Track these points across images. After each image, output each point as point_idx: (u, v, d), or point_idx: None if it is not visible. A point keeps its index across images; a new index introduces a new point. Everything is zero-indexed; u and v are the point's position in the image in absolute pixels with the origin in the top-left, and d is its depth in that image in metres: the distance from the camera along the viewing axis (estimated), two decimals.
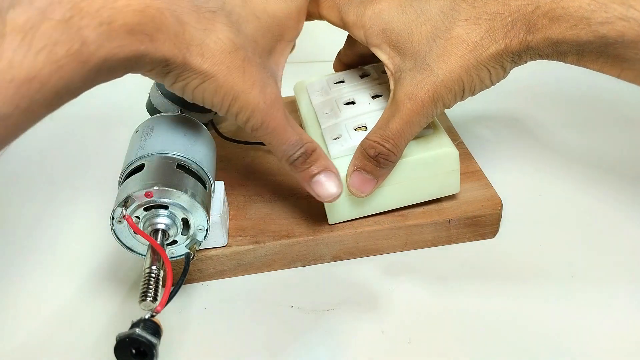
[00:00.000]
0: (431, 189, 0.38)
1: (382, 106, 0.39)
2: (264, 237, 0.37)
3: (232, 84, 0.29)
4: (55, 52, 0.22)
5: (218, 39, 0.28)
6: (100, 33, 0.23)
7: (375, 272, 0.38)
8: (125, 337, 0.25)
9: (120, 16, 0.24)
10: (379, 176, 0.35)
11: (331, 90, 0.43)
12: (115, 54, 0.24)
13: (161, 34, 0.25)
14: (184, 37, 0.27)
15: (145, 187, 0.30)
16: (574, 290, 0.36)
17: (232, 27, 0.29)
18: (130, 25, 0.24)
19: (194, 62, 0.27)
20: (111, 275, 0.38)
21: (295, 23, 0.34)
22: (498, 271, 0.38)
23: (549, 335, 0.33)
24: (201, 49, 0.27)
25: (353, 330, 0.34)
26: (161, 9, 0.25)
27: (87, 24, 0.22)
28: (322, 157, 0.34)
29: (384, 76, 0.42)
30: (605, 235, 0.40)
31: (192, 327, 0.34)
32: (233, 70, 0.29)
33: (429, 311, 0.35)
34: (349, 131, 0.38)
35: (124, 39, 0.24)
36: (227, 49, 0.28)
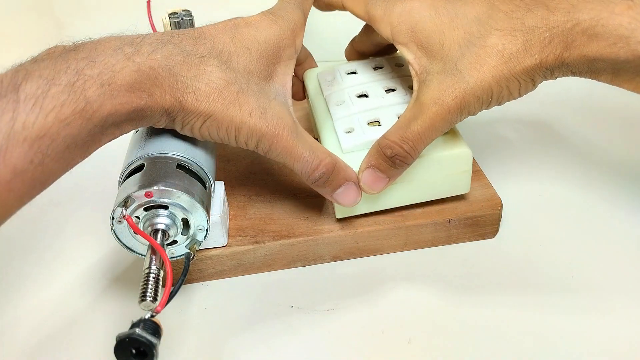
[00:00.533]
0: (442, 188, 0.38)
1: (395, 101, 0.39)
2: (264, 237, 0.37)
3: (230, 117, 0.31)
4: (62, 112, 0.24)
5: (209, 80, 0.30)
6: (102, 93, 0.26)
7: (375, 272, 0.38)
8: (125, 337, 0.25)
9: (119, 77, 0.27)
10: (392, 176, 0.35)
11: (343, 81, 0.42)
12: (118, 110, 0.27)
13: (157, 88, 0.28)
14: (178, 87, 0.29)
15: (145, 187, 0.30)
16: (573, 291, 0.36)
17: (221, 66, 0.31)
18: (129, 84, 0.27)
19: (190, 106, 0.30)
20: (111, 275, 0.38)
21: (291, 41, 0.35)
22: (498, 271, 0.38)
23: (548, 335, 0.33)
24: (194, 94, 0.30)
25: (353, 330, 0.34)
26: (154, 67, 0.28)
27: (90, 85, 0.26)
28: (342, 170, 0.34)
29: (397, 70, 0.42)
30: (605, 236, 0.40)
31: (192, 327, 0.34)
32: (228, 105, 0.31)
33: (429, 311, 0.35)
34: (362, 125, 0.38)
35: (124, 97, 0.27)
36: (219, 87, 0.30)
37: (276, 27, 0.34)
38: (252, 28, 0.34)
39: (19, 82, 0.24)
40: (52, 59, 0.26)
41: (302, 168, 0.33)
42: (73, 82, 0.25)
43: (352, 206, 0.36)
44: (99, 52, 0.27)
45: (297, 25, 0.36)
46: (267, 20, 0.35)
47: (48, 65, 0.25)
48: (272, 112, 0.32)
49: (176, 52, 0.30)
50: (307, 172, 0.33)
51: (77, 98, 0.25)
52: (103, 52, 0.27)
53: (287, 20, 0.35)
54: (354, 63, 0.44)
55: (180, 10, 0.47)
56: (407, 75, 0.42)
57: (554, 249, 0.39)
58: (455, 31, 0.33)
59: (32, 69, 0.25)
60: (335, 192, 0.35)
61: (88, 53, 0.27)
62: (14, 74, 0.25)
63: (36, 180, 0.25)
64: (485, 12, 0.32)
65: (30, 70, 0.25)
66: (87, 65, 0.26)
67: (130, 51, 0.28)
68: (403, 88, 0.40)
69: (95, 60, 0.26)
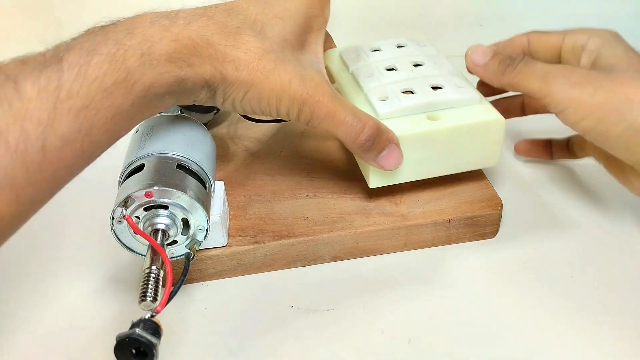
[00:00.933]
0: (472, 158, 0.38)
1: (426, 73, 0.39)
2: (264, 237, 0.37)
3: (271, 85, 0.31)
4: (105, 81, 0.25)
5: (247, 49, 0.30)
6: (142, 63, 0.26)
7: (375, 272, 0.38)
8: (125, 337, 0.25)
9: (158, 46, 0.27)
10: None
11: (368, 57, 0.42)
12: (158, 80, 0.27)
13: (196, 58, 0.28)
14: (217, 57, 0.29)
15: (145, 187, 0.30)
16: (573, 291, 0.36)
17: (257, 35, 0.31)
18: (168, 54, 0.27)
19: (231, 75, 0.30)
20: (111, 275, 0.38)
21: (320, 11, 0.35)
22: (498, 271, 0.38)
23: (548, 335, 0.33)
24: (235, 63, 0.30)
25: (353, 330, 0.34)
26: (191, 36, 0.28)
27: (130, 55, 0.26)
28: (385, 131, 0.34)
29: (421, 48, 0.43)
30: (605, 236, 0.40)
31: (192, 327, 0.34)
32: (268, 74, 0.30)
33: (429, 311, 0.35)
34: (396, 94, 0.38)
35: (164, 66, 0.27)
36: (257, 56, 0.30)
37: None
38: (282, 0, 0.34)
39: (61, 54, 0.24)
40: (92, 34, 0.26)
41: (346, 132, 0.33)
42: (113, 52, 0.25)
43: (394, 169, 0.35)
44: (137, 24, 0.27)
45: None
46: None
47: (88, 39, 0.26)
48: (310, 78, 0.32)
49: (211, 24, 0.30)
50: (352, 136, 0.33)
51: (118, 68, 0.25)
52: (141, 25, 0.27)
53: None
54: (377, 41, 0.44)
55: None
56: (432, 54, 0.43)
57: (554, 249, 0.39)
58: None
59: (73, 43, 0.25)
60: (380, 155, 0.34)
61: (126, 26, 0.27)
62: (56, 48, 0.25)
63: (85, 151, 0.25)
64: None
65: (71, 44, 0.25)
66: (126, 36, 0.26)
67: (166, 23, 0.28)
68: (430, 63, 0.41)
69: (133, 31, 0.27)
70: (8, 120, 0.22)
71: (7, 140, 0.22)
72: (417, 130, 0.36)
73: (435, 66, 0.40)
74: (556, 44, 0.39)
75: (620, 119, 0.32)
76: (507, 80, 0.36)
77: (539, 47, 0.40)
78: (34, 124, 0.23)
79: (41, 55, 0.25)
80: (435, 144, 0.36)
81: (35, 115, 0.23)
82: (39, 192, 0.24)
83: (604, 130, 0.33)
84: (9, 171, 0.22)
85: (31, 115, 0.22)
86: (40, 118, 0.23)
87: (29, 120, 0.22)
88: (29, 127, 0.22)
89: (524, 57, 0.36)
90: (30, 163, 0.23)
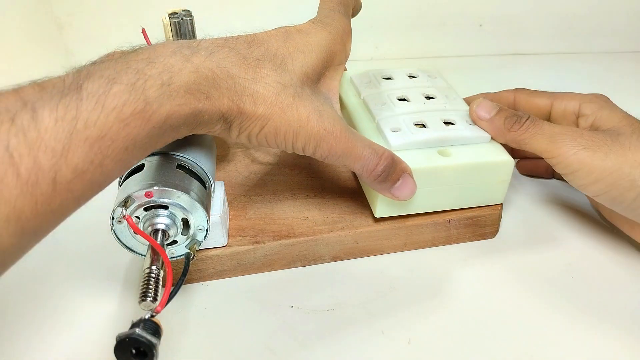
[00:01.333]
0: (478, 195, 0.38)
1: (436, 107, 0.40)
2: (264, 237, 0.37)
3: (289, 121, 0.30)
4: (123, 111, 0.24)
5: (266, 83, 0.30)
6: (162, 93, 0.26)
7: (375, 272, 0.38)
8: (125, 337, 0.25)
9: (178, 77, 0.26)
10: None
11: (380, 84, 0.42)
12: (176, 112, 0.26)
13: (216, 90, 0.28)
14: (236, 90, 0.29)
15: (145, 187, 0.30)
16: (573, 291, 0.36)
17: (277, 69, 0.31)
18: (188, 85, 0.27)
19: (248, 110, 0.29)
20: (111, 275, 0.38)
21: (342, 46, 0.35)
22: (498, 271, 0.38)
23: (548, 335, 0.33)
24: (253, 97, 0.29)
25: (353, 330, 0.34)
26: (212, 68, 0.28)
27: (150, 85, 0.25)
28: (398, 162, 0.35)
29: (432, 80, 0.43)
30: (605, 236, 0.40)
31: (192, 327, 0.34)
32: (286, 109, 0.30)
33: (429, 311, 0.35)
34: (408, 126, 0.38)
35: (183, 98, 0.27)
36: (276, 91, 0.30)
37: (327, 33, 0.34)
38: (304, 34, 0.34)
39: (81, 81, 0.24)
40: (112, 61, 0.26)
41: (363, 166, 0.33)
42: (134, 82, 0.25)
43: (408, 199, 0.36)
44: (158, 53, 0.27)
45: (345, 31, 0.36)
46: (317, 27, 0.34)
47: (109, 66, 0.25)
48: (327, 114, 0.32)
49: (232, 55, 0.30)
50: (369, 170, 0.33)
51: (137, 98, 0.25)
52: (162, 54, 0.27)
53: (336, 27, 0.35)
54: (389, 69, 0.44)
55: (180, 10, 0.47)
56: (443, 86, 0.43)
57: (554, 249, 0.39)
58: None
59: (94, 69, 0.25)
60: (394, 185, 0.34)
61: (147, 54, 0.27)
62: (76, 74, 0.24)
63: (94, 182, 0.24)
64: None
65: (92, 70, 0.25)
66: (147, 65, 0.26)
67: (188, 53, 0.28)
68: (441, 96, 0.41)
69: (155, 60, 0.26)
70: (22, 150, 0.21)
71: (19, 172, 0.21)
72: (428, 165, 0.36)
73: (447, 100, 0.41)
74: (544, 107, 0.40)
75: (633, 185, 0.33)
76: (513, 138, 0.36)
77: (526, 107, 0.41)
78: (47, 155, 0.22)
79: (60, 80, 0.24)
80: (444, 179, 0.37)
81: (51, 146, 0.22)
82: (45, 223, 0.23)
83: (616, 195, 0.34)
84: (18, 203, 0.21)
85: (46, 146, 0.22)
86: (55, 149, 0.22)
87: (43, 151, 0.22)
88: (43, 158, 0.22)
89: (529, 116, 0.36)
90: (39, 195, 0.22)
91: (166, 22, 0.47)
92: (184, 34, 0.47)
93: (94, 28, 0.60)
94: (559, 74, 0.62)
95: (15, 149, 0.21)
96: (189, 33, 0.48)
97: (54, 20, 0.59)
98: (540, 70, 0.63)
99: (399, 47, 0.65)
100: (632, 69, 0.63)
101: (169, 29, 0.47)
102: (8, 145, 0.21)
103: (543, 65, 0.64)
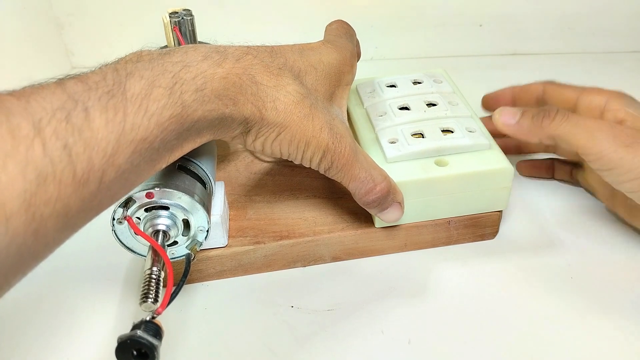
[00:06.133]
0: (479, 203, 0.38)
1: (437, 115, 0.40)
2: (264, 238, 0.37)
3: (304, 130, 0.31)
4: (163, 115, 0.25)
5: (287, 92, 0.30)
6: (196, 98, 0.26)
7: (375, 272, 0.38)
8: (126, 339, 0.25)
9: (210, 83, 0.27)
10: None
11: (383, 93, 0.43)
12: (206, 116, 0.27)
13: (242, 96, 0.29)
14: (260, 96, 0.29)
15: (146, 188, 0.30)
16: (573, 292, 0.36)
17: (296, 79, 0.31)
18: (218, 91, 0.27)
19: (270, 117, 0.30)
20: (112, 276, 0.38)
21: (350, 67, 0.36)
22: (498, 272, 0.38)
23: (548, 335, 0.33)
24: (275, 104, 0.30)
25: (353, 330, 0.34)
26: (239, 74, 0.29)
27: (187, 89, 0.26)
28: (392, 192, 0.35)
29: (437, 85, 0.43)
30: (605, 237, 0.40)
31: (192, 327, 0.34)
32: (303, 119, 0.31)
33: (428, 311, 0.35)
34: (406, 136, 0.38)
35: (214, 103, 0.27)
36: (296, 100, 0.31)
37: (337, 53, 0.35)
38: (316, 51, 0.34)
39: (124, 81, 0.24)
40: (148, 61, 0.26)
41: (356, 188, 0.34)
42: (171, 86, 0.25)
43: (393, 223, 0.37)
44: (191, 57, 0.27)
45: (352, 54, 0.37)
46: (328, 47, 0.35)
47: (146, 66, 0.25)
48: (337, 129, 0.32)
49: (256, 62, 0.30)
50: (360, 193, 0.34)
51: (175, 102, 0.25)
52: (195, 58, 0.27)
53: (345, 49, 0.36)
54: (393, 77, 0.44)
55: (180, 9, 0.47)
56: (447, 92, 0.43)
57: (554, 249, 0.39)
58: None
59: (133, 70, 0.25)
60: (382, 211, 0.36)
61: (181, 57, 0.27)
62: (115, 72, 0.24)
63: (129, 181, 0.25)
64: None
65: (131, 70, 0.25)
66: (183, 69, 0.26)
67: (218, 58, 0.28)
68: (443, 103, 0.41)
69: (189, 65, 0.27)
70: (79, 149, 0.21)
71: (75, 171, 0.21)
72: (423, 176, 0.36)
73: (449, 107, 0.41)
74: (571, 99, 0.40)
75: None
76: (548, 133, 0.35)
77: (554, 98, 0.41)
78: (99, 155, 0.22)
79: (101, 78, 0.24)
80: (442, 189, 0.37)
81: (102, 147, 0.22)
82: (84, 220, 0.23)
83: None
84: (70, 201, 0.22)
85: (98, 146, 0.22)
86: (105, 149, 0.22)
87: (96, 151, 0.22)
88: (95, 158, 0.22)
89: (558, 109, 0.36)
90: (87, 194, 0.22)
91: (166, 21, 0.47)
92: (184, 34, 0.47)
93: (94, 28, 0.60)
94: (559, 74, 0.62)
95: (72, 148, 0.21)
96: (190, 33, 0.48)
97: (54, 20, 0.59)
98: (540, 70, 0.63)
99: (399, 47, 0.65)
100: (632, 69, 0.63)
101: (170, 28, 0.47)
102: (66, 143, 0.21)
103: (543, 65, 0.64)
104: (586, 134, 0.34)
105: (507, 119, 0.37)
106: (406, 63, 0.65)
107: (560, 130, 0.35)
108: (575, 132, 0.34)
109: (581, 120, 0.35)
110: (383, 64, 0.65)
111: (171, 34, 0.45)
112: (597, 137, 0.34)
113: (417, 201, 0.37)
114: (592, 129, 0.34)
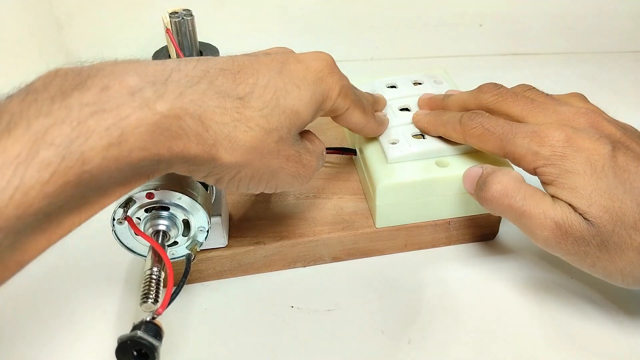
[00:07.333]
0: (479, 205, 0.38)
1: None
2: (264, 238, 0.37)
3: (267, 165, 0.28)
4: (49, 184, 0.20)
5: (247, 128, 0.26)
6: (107, 156, 0.21)
7: (375, 272, 0.38)
8: (126, 340, 0.25)
9: (132, 135, 0.22)
10: None
11: (384, 93, 0.42)
12: (122, 172, 0.22)
13: (179, 140, 0.24)
14: (208, 136, 0.25)
15: (147, 189, 0.30)
16: (573, 292, 0.36)
17: (264, 108, 0.27)
18: (142, 143, 0.22)
19: (223, 158, 0.26)
20: (112, 277, 0.38)
21: (336, 95, 0.32)
22: (497, 272, 0.38)
23: (547, 336, 0.33)
24: (230, 143, 0.26)
25: (353, 330, 0.34)
26: (179, 116, 0.23)
27: (92, 146, 0.21)
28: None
29: (437, 86, 0.43)
30: None
31: (192, 327, 0.34)
32: (266, 155, 0.28)
33: (429, 311, 0.35)
34: (407, 138, 0.38)
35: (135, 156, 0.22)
36: (259, 136, 0.27)
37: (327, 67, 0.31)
38: (303, 65, 0.30)
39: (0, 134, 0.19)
40: (49, 98, 0.21)
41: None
42: (69, 143, 0.20)
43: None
44: (112, 93, 0.22)
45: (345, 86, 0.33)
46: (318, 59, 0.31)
47: (43, 107, 0.20)
48: (307, 157, 0.31)
49: (210, 93, 0.25)
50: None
51: (70, 165, 0.20)
52: (117, 95, 0.22)
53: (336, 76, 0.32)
54: (393, 77, 0.44)
55: (180, 9, 0.47)
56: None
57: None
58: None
59: (19, 114, 0.20)
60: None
61: (97, 94, 0.21)
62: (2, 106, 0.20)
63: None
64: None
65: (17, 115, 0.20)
66: (94, 115, 0.21)
67: (150, 95, 0.23)
68: None
69: (104, 108, 0.21)
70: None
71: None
72: (424, 177, 0.36)
73: None
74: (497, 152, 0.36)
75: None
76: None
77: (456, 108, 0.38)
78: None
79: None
80: (442, 190, 0.37)
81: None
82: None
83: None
84: None
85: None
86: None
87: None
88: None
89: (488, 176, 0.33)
90: None
91: (167, 21, 0.47)
92: (184, 34, 0.47)
93: (94, 28, 0.60)
94: (559, 74, 0.62)
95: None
96: (189, 32, 0.48)
97: (54, 20, 0.59)
98: (540, 70, 0.63)
99: (399, 47, 0.65)
100: (632, 69, 0.63)
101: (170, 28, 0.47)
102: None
103: (543, 65, 0.64)
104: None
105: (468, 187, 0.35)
106: (406, 63, 0.65)
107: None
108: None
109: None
110: (383, 64, 0.65)
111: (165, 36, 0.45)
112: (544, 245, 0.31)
113: (417, 202, 0.37)
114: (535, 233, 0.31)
